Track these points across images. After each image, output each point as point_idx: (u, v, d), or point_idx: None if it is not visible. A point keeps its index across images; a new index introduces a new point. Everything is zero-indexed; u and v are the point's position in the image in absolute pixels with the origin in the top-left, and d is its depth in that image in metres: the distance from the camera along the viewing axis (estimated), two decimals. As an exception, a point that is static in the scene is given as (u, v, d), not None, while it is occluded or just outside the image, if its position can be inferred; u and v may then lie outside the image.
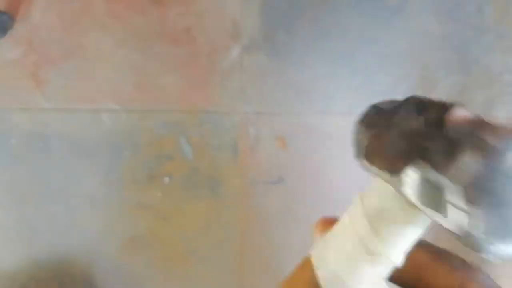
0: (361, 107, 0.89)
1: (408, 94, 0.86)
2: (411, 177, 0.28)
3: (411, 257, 0.30)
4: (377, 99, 0.89)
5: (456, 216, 0.28)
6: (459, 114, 0.26)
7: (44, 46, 0.87)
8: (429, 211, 0.29)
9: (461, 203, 0.27)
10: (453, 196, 0.27)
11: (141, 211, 0.97)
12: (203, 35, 0.84)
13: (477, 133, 0.27)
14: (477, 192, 0.26)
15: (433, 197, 0.28)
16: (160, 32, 0.84)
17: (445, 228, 0.30)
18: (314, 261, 0.32)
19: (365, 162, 0.31)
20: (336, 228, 0.32)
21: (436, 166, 0.27)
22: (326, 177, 0.90)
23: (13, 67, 0.89)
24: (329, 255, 0.31)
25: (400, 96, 0.84)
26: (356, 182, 0.97)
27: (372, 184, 0.32)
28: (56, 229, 1.00)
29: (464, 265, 0.30)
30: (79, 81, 0.88)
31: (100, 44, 0.86)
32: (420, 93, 0.95)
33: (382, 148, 0.31)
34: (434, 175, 0.27)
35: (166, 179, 0.95)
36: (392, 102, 0.32)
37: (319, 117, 0.88)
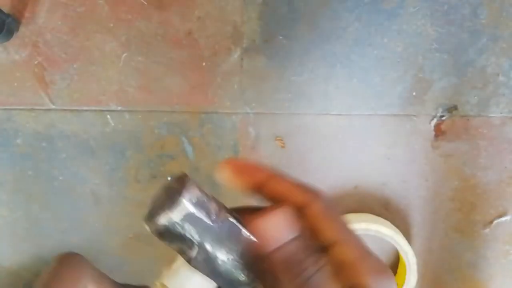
0: (358, 108, 0.93)
1: (404, 94, 0.89)
2: None
3: None
4: (373, 100, 0.92)
5: None
6: None
7: (49, 48, 0.88)
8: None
9: None
10: None
11: (143, 209, 0.98)
12: (204, 38, 0.85)
13: None
14: None
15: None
16: (162, 35, 0.86)
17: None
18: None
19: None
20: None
21: None
22: (324, 176, 0.91)
23: (19, 68, 0.89)
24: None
25: (396, 97, 0.86)
26: (353, 181, 0.99)
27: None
28: (61, 226, 1.02)
29: None
30: (83, 82, 0.89)
31: (104, 47, 0.87)
32: (415, 94, 0.98)
33: None
34: None
35: (168, 178, 0.96)
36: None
37: (317, 117, 0.89)
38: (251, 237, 0.40)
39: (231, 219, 0.40)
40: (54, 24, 0.87)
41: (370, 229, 0.81)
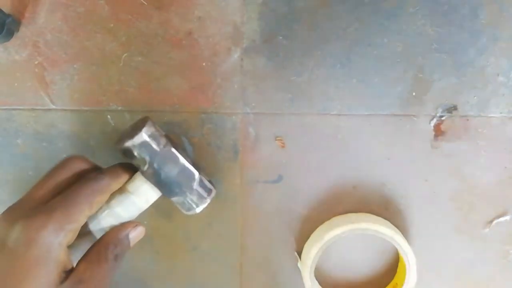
0: (358, 108, 0.94)
1: (404, 95, 0.90)
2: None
3: None
4: (373, 100, 0.93)
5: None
6: None
7: (50, 48, 0.88)
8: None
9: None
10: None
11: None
12: (204, 39, 0.86)
13: None
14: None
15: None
16: (162, 36, 0.86)
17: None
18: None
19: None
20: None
21: None
22: (324, 176, 0.92)
23: (19, 68, 0.90)
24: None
25: (396, 97, 0.87)
26: (353, 181, 1.00)
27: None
28: (61, 226, 1.01)
29: None
30: (84, 82, 0.89)
31: (104, 47, 0.87)
32: (415, 94, 0.98)
33: None
34: None
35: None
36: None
37: (317, 117, 0.89)
38: (185, 163, 0.66)
39: (173, 150, 0.64)
40: (54, 24, 0.87)
41: (370, 229, 0.81)
